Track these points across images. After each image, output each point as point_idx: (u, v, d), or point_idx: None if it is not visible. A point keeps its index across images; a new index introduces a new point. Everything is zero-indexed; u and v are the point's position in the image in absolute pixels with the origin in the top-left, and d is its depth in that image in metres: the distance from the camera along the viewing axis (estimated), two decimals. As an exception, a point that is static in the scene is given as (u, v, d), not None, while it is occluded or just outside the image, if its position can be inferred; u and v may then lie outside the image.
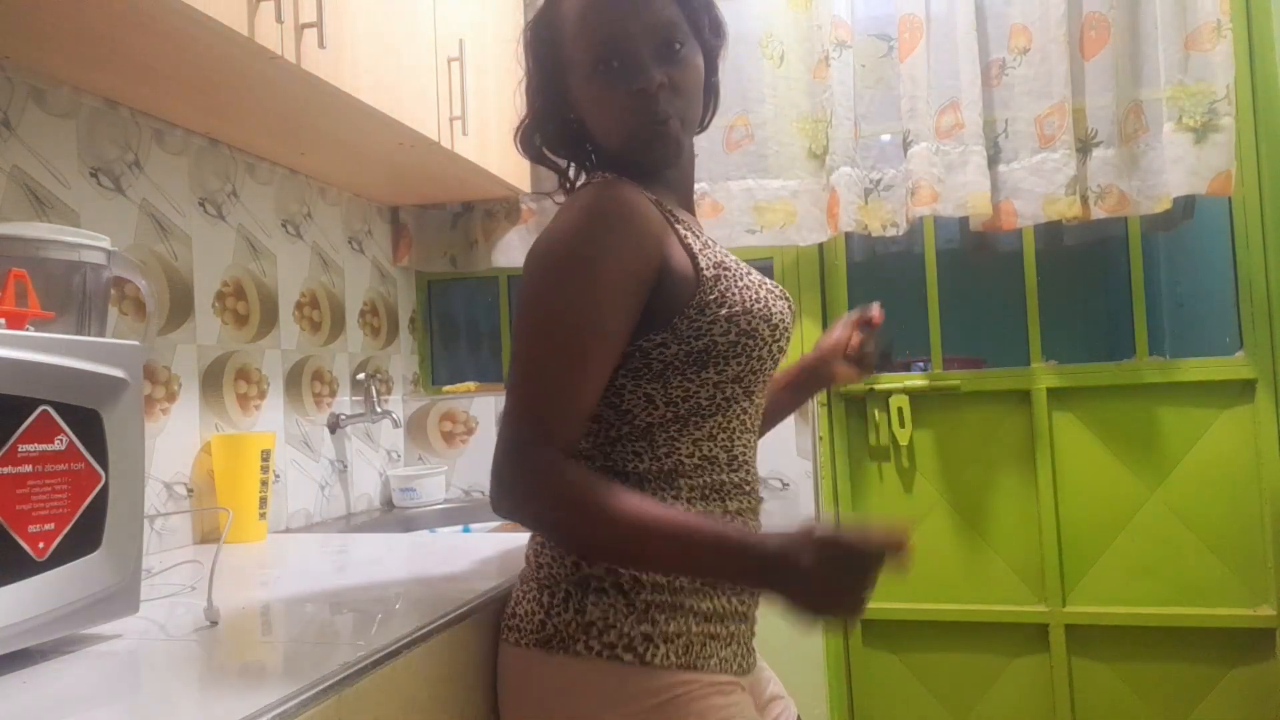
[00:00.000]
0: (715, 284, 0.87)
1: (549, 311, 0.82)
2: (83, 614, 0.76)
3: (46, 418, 0.73)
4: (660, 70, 0.88)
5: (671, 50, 0.90)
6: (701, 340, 0.86)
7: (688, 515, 0.82)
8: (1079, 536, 1.84)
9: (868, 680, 1.95)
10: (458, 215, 2.07)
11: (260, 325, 1.61)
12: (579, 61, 0.91)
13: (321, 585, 1.05)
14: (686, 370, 0.86)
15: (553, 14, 0.95)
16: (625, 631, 0.83)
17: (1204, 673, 1.80)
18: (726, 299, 0.87)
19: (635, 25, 0.88)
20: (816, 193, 1.84)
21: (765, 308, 0.89)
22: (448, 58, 1.60)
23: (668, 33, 0.89)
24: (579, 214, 0.85)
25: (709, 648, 0.86)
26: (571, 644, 0.83)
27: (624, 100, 0.89)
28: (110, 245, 0.99)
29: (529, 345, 0.82)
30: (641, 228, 0.84)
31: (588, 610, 0.84)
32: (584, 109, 0.94)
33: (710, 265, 0.88)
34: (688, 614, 0.85)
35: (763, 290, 0.91)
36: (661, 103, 0.88)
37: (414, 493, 1.91)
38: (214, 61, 1.17)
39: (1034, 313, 1.89)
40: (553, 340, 0.82)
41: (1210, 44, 1.63)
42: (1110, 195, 1.70)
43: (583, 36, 0.90)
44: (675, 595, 0.85)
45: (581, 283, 0.81)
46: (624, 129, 0.90)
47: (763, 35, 1.85)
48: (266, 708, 0.62)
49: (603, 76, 0.89)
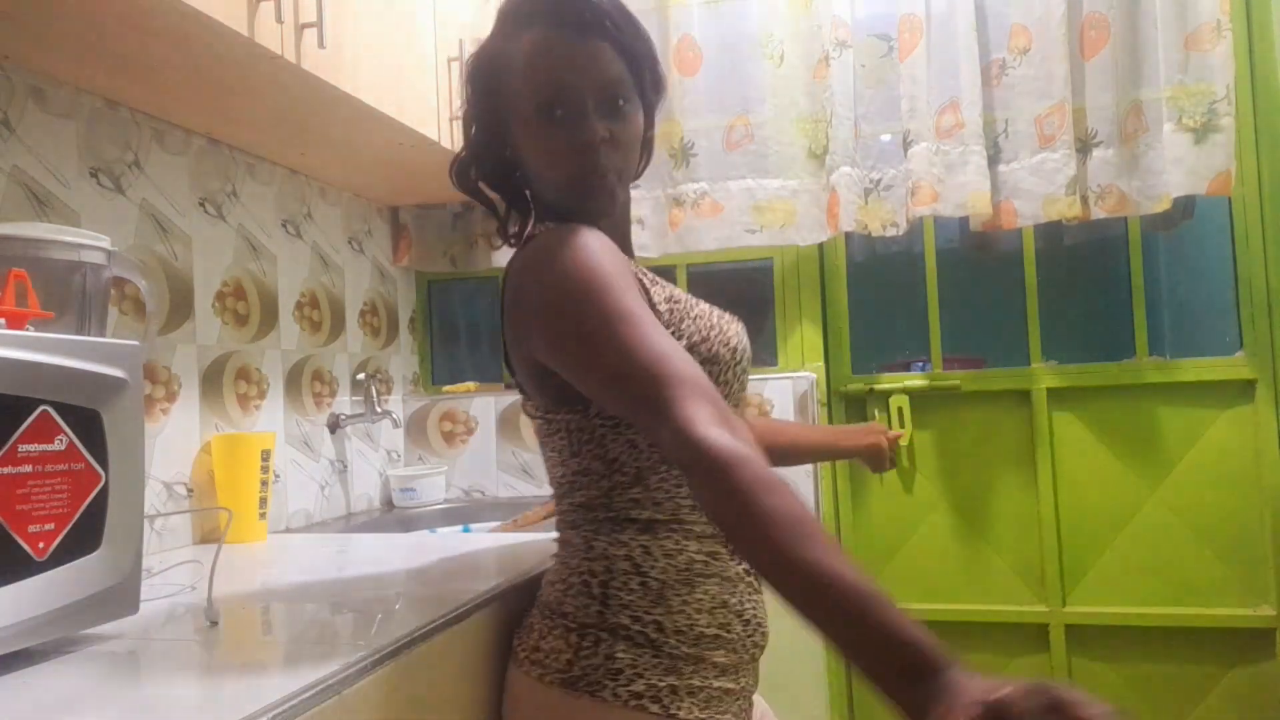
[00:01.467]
0: (669, 317, 0.88)
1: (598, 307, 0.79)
2: (83, 614, 0.76)
3: (46, 418, 0.73)
4: (603, 124, 0.89)
5: (615, 106, 0.90)
6: None
7: (869, 579, 0.65)
8: (1079, 536, 1.84)
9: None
10: (458, 215, 2.07)
11: (260, 325, 1.61)
12: (523, 104, 0.91)
13: (321, 585, 1.05)
14: None
15: (500, 50, 0.94)
16: (653, 683, 0.83)
17: (1204, 673, 1.80)
18: (683, 330, 0.88)
19: (583, 79, 0.89)
20: (816, 193, 1.84)
21: (722, 334, 0.90)
22: (448, 58, 1.60)
23: (614, 89, 0.90)
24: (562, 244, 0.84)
25: (724, 702, 0.87)
26: (599, 689, 0.83)
27: (565, 150, 0.89)
28: (110, 245, 0.99)
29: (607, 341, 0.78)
30: (610, 248, 0.85)
31: (617, 658, 0.84)
32: (524, 150, 0.94)
33: (663, 300, 0.90)
34: (709, 668, 0.86)
35: (714, 317, 0.92)
36: (602, 156, 0.89)
37: (414, 493, 1.91)
38: (214, 61, 1.17)
39: (1034, 313, 1.89)
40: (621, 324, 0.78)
41: (1210, 44, 1.63)
42: (1110, 195, 1.70)
43: (530, 80, 0.90)
44: (698, 647, 0.85)
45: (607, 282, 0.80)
46: (564, 177, 0.91)
47: (763, 35, 1.85)
48: (266, 708, 0.62)
49: (546, 122, 0.90)
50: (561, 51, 0.89)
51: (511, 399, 2.02)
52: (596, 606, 0.86)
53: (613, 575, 0.87)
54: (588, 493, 0.91)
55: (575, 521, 0.92)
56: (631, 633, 0.85)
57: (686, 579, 0.87)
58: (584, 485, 0.91)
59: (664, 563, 0.87)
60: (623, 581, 0.86)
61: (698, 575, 0.88)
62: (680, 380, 0.73)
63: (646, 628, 0.85)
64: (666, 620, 0.85)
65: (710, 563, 0.89)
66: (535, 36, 0.90)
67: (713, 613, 0.87)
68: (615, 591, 0.86)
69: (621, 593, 0.86)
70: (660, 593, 0.86)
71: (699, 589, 0.87)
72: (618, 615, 0.85)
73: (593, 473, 0.90)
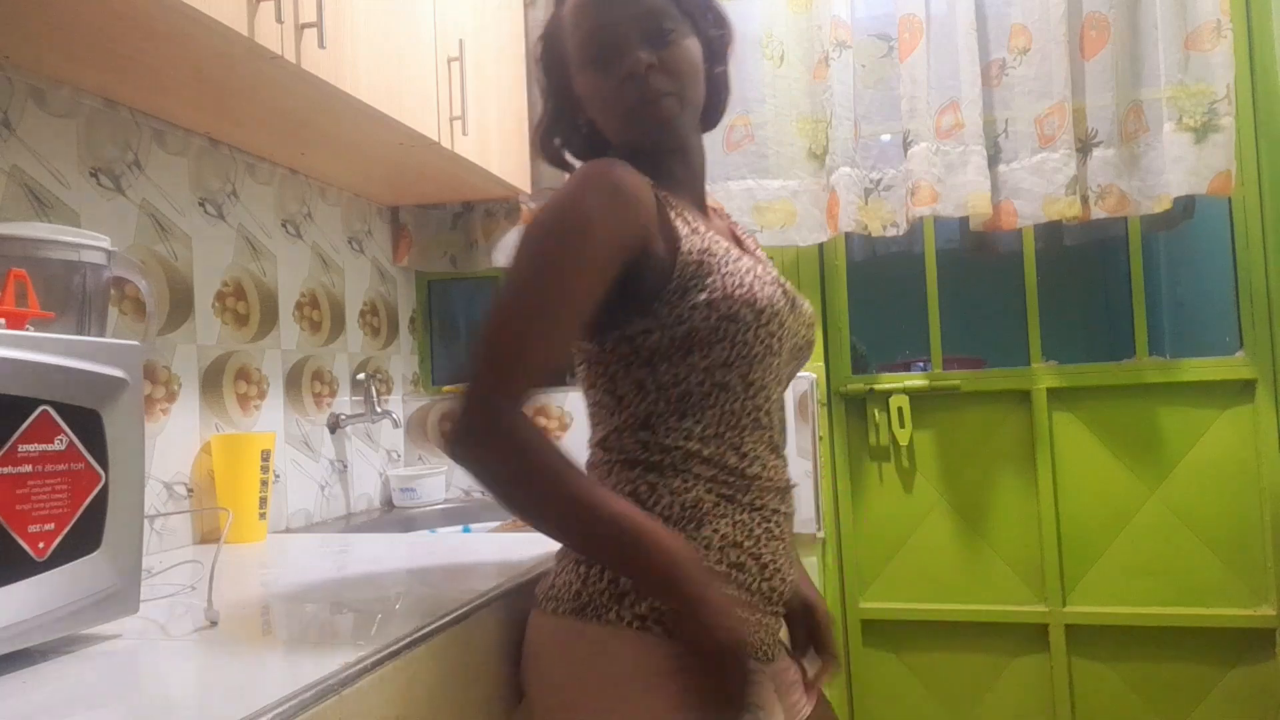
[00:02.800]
0: (696, 269, 0.88)
1: (524, 272, 0.85)
2: (83, 614, 0.76)
3: (46, 418, 0.73)
4: (648, 52, 0.91)
5: (661, 33, 0.92)
6: (683, 326, 0.87)
7: (622, 501, 0.82)
8: (1079, 536, 1.85)
9: (868, 680, 1.95)
10: (458, 215, 2.07)
11: (260, 325, 1.61)
12: (577, 59, 0.95)
13: (321, 585, 1.05)
14: (673, 357, 0.88)
15: (555, 22, 0.99)
16: (656, 605, 0.83)
17: (1204, 673, 1.80)
18: (707, 285, 0.87)
19: (621, 14, 0.92)
20: (816, 193, 1.84)
21: (749, 292, 0.88)
22: (448, 58, 1.60)
23: (654, 19, 0.92)
24: (569, 184, 0.87)
25: None
26: (604, 612, 0.85)
27: (615, 86, 0.92)
28: (110, 245, 0.99)
29: (502, 301, 0.84)
30: (625, 199, 0.86)
31: (621, 581, 0.85)
32: (588, 105, 0.97)
33: (694, 250, 0.89)
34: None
35: (749, 276, 0.90)
36: (652, 81, 0.90)
37: (414, 493, 1.91)
38: (214, 61, 1.17)
39: (1034, 313, 1.89)
40: (522, 299, 0.84)
41: (1210, 44, 1.63)
42: (1110, 195, 1.70)
43: (576, 36, 0.94)
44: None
45: (558, 248, 0.84)
46: (620, 112, 0.93)
47: (763, 35, 1.85)
48: (266, 708, 0.62)
49: (596, 69, 0.93)
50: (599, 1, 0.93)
51: (511, 399, 2.01)
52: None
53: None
54: (603, 428, 0.94)
55: (592, 462, 0.96)
56: None
57: (694, 517, 0.88)
58: (600, 420, 0.95)
59: (669, 499, 0.88)
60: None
61: (706, 515, 0.88)
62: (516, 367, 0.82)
63: None
64: None
65: (721, 504, 0.89)
66: None
67: (723, 550, 0.88)
68: None
69: None
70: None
71: (707, 528, 0.88)
72: None
73: (605, 407, 0.94)
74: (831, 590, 1.93)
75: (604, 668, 0.85)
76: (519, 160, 1.91)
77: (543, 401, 2.00)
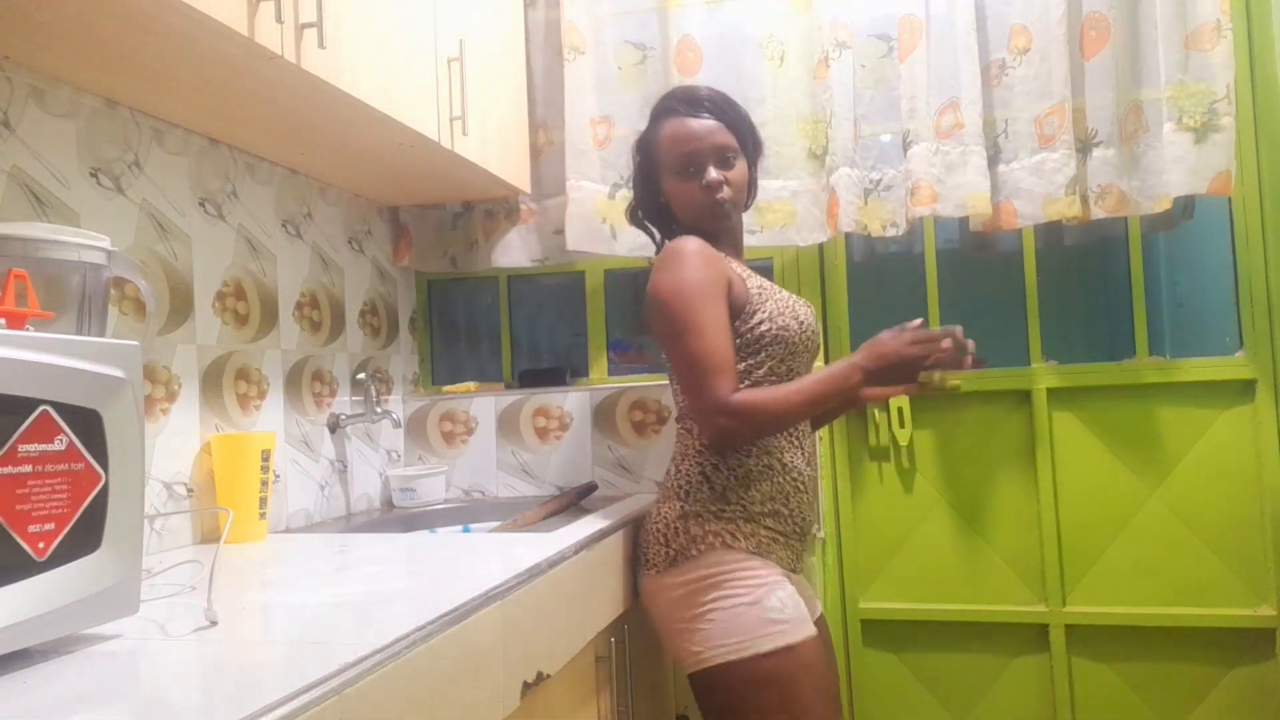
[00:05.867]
0: (759, 297, 1.37)
1: (680, 317, 1.30)
2: (83, 614, 0.76)
3: (46, 418, 0.73)
4: (719, 172, 1.40)
5: (727, 161, 1.42)
6: (755, 333, 1.36)
7: (804, 382, 1.31)
8: (1079, 536, 1.85)
9: (868, 680, 1.95)
10: (458, 215, 2.07)
11: (260, 325, 1.61)
12: (668, 168, 1.43)
13: (321, 585, 1.05)
14: (747, 355, 1.36)
15: (651, 136, 1.47)
16: (717, 531, 1.33)
17: (1204, 673, 1.80)
18: (766, 308, 1.37)
19: (703, 145, 1.40)
20: (816, 193, 1.84)
21: (794, 313, 1.40)
22: (448, 58, 1.60)
23: (725, 150, 1.41)
24: (673, 258, 1.34)
25: (772, 548, 1.35)
26: (685, 554, 1.33)
27: (697, 191, 1.41)
28: (110, 245, 0.99)
29: (680, 345, 1.29)
30: (711, 260, 1.34)
31: (691, 531, 1.33)
32: (670, 196, 1.45)
33: (755, 286, 1.39)
34: (760, 528, 1.34)
35: (790, 302, 1.42)
36: (720, 192, 1.40)
37: (414, 493, 1.91)
38: (214, 61, 1.17)
39: (1034, 313, 1.89)
40: (688, 334, 1.28)
41: (1210, 44, 1.63)
42: (1110, 195, 1.70)
43: (670, 152, 1.42)
44: (750, 516, 1.34)
45: (693, 297, 1.30)
46: (696, 207, 1.42)
47: (763, 36, 1.85)
48: (266, 708, 0.62)
49: (684, 177, 1.42)
50: (687, 130, 1.41)
51: (511, 399, 2.02)
52: (679, 503, 1.36)
53: (690, 483, 1.36)
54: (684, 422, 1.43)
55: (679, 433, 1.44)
56: (701, 514, 1.34)
57: (744, 481, 1.35)
58: (681, 414, 1.44)
59: (726, 473, 1.35)
60: (696, 485, 1.36)
61: (754, 479, 1.35)
62: (716, 369, 1.26)
63: (710, 508, 1.34)
64: (725, 506, 1.34)
65: (766, 471, 1.36)
66: (670, 123, 1.43)
67: (763, 502, 1.35)
68: (692, 492, 1.35)
69: (694, 493, 1.35)
70: (723, 492, 1.34)
71: (754, 489, 1.35)
72: (692, 505, 1.35)
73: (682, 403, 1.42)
74: (831, 590, 1.93)
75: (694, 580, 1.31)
76: (519, 160, 1.91)
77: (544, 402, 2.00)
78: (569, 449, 1.99)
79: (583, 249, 1.89)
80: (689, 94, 1.45)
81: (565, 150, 1.89)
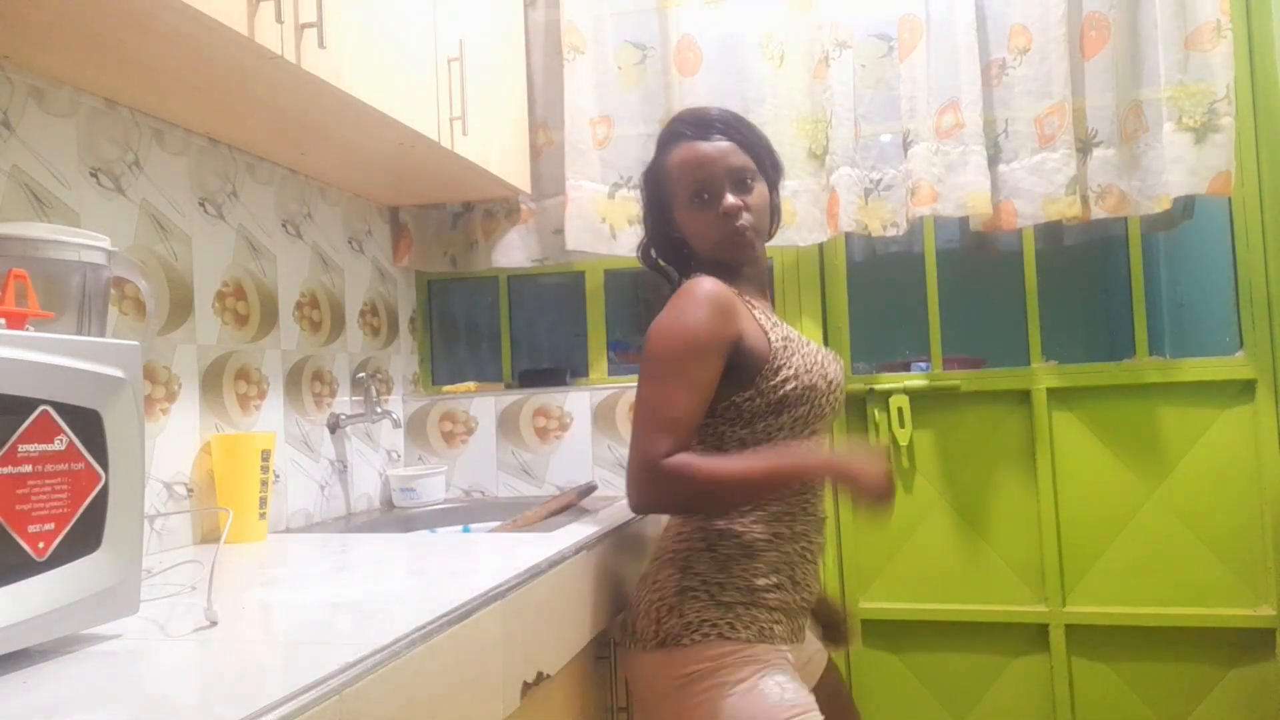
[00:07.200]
0: (784, 352, 1.21)
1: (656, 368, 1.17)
2: (83, 614, 0.76)
3: (46, 418, 0.73)
4: (737, 197, 1.25)
5: (745, 184, 1.26)
6: (778, 393, 1.20)
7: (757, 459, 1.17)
8: (1079, 536, 1.84)
9: (868, 680, 1.95)
10: (458, 215, 2.07)
11: (260, 325, 1.61)
12: (680, 198, 1.28)
13: (321, 585, 1.05)
14: (768, 416, 1.21)
15: (660, 165, 1.32)
16: (714, 621, 1.16)
17: (1204, 673, 1.80)
18: (793, 363, 1.21)
19: (717, 169, 1.25)
20: (816, 193, 1.84)
21: (822, 368, 1.24)
22: (448, 58, 1.60)
23: (741, 173, 1.26)
24: (681, 301, 1.20)
25: (774, 630, 1.19)
26: (676, 641, 1.17)
27: (713, 220, 1.25)
28: (110, 245, 0.99)
29: (642, 392, 1.17)
30: (721, 309, 1.18)
31: (686, 615, 1.17)
32: (686, 229, 1.30)
33: (779, 339, 1.23)
34: (761, 608, 1.19)
35: (819, 356, 1.26)
36: (740, 219, 1.24)
37: (414, 493, 1.91)
38: (214, 61, 1.17)
39: (1034, 313, 1.89)
40: (655, 388, 1.16)
41: (1210, 44, 1.63)
42: (1110, 195, 1.70)
43: (681, 181, 1.27)
44: (752, 596, 1.18)
45: (678, 347, 1.17)
46: (715, 240, 1.27)
47: (763, 36, 1.85)
48: (266, 708, 0.62)
49: (698, 206, 1.26)
50: (698, 154, 1.26)
51: (511, 399, 2.02)
52: (678, 574, 1.20)
53: (692, 551, 1.21)
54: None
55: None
56: (698, 593, 1.18)
57: (748, 551, 1.20)
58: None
59: (731, 541, 1.21)
60: (697, 552, 1.21)
61: (759, 550, 1.21)
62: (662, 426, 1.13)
63: (710, 586, 1.18)
64: (727, 580, 1.19)
65: (773, 540, 1.22)
66: (679, 149, 1.28)
67: (768, 575, 1.20)
68: (693, 561, 1.20)
69: (695, 562, 1.20)
70: (725, 562, 1.20)
71: (758, 559, 1.20)
72: (690, 580, 1.19)
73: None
74: (831, 590, 1.93)
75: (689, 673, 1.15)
76: (519, 160, 1.91)
77: (544, 402, 2.00)
78: (569, 449, 1.99)
79: (582, 249, 1.89)
80: (698, 116, 1.31)
81: (565, 150, 1.89)
